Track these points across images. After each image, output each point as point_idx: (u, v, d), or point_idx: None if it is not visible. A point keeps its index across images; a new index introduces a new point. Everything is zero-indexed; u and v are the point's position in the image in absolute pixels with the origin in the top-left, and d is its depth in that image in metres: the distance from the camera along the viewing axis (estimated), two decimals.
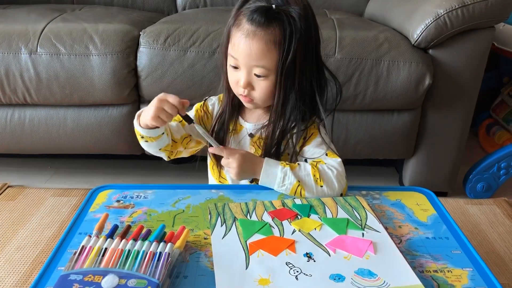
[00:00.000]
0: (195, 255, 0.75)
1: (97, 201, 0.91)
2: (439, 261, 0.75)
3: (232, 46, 0.89)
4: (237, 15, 0.89)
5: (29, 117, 1.47)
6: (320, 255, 0.74)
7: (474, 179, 1.58)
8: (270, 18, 0.85)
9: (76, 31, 1.40)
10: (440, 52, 1.38)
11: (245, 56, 0.87)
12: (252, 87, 0.91)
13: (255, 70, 0.89)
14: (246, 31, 0.86)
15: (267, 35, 0.86)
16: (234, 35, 0.88)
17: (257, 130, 0.99)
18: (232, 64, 0.91)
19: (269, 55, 0.87)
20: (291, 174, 0.89)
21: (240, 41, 0.87)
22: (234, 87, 0.94)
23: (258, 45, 0.86)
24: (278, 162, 0.92)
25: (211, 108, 1.04)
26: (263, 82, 0.90)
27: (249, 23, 0.86)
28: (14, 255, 1.25)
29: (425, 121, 1.47)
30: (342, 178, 0.91)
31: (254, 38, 0.86)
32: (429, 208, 0.91)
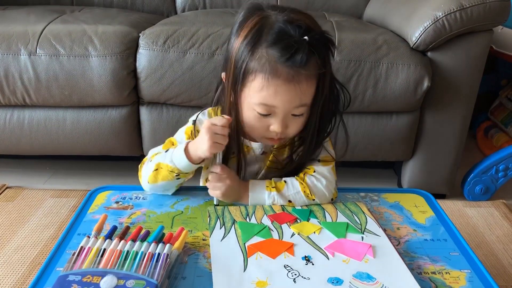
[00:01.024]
0: (193, 256, 0.75)
1: (96, 202, 0.91)
2: (437, 262, 0.75)
3: (267, 95, 0.79)
4: (260, 58, 0.78)
5: (28, 118, 1.47)
6: (318, 258, 0.74)
7: (472, 181, 1.58)
8: (309, 54, 0.76)
9: (75, 33, 1.41)
10: (438, 55, 1.39)
11: (287, 102, 0.79)
12: (287, 127, 0.83)
13: (295, 111, 0.81)
14: (289, 75, 0.77)
15: (309, 72, 0.78)
16: (269, 83, 0.77)
17: (266, 147, 0.94)
18: (263, 113, 0.81)
19: (310, 91, 0.81)
20: (279, 197, 0.88)
21: (281, 88, 0.77)
22: (260, 132, 0.85)
23: (302, 86, 0.78)
24: (263, 185, 0.88)
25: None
26: (300, 119, 0.84)
27: (289, 67, 0.76)
28: (12, 256, 1.25)
29: (423, 123, 1.48)
30: (331, 185, 0.90)
31: (299, 80, 0.77)
32: (428, 210, 0.91)
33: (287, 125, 0.83)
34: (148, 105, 1.46)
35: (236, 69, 0.81)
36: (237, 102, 0.84)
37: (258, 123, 0.83)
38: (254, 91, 0.80)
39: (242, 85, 0.81)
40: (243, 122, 0.86)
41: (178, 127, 1.45)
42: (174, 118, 1.45)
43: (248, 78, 0.80)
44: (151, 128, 1.47)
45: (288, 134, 0.86)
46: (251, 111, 0.82)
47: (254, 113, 0.82)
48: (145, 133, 1.49)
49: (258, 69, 0.78)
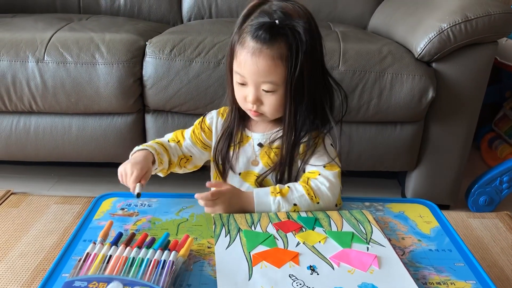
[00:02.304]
0: (198, 263, 0.75)
1: (101, 209, 0.92)
2: (442, 273, 0.75)
3: (238, 64, 0.89)
4: (240, 32, 0.89)
5: (34, 124, 1.48)
6: (323, 268, 0.74)
7: (476, 192, 1.58)
8: (275, 34, 0.85)
9: (83, 40, 1.42)
10: (443, 66, 1.39)
11: (253, 73, 0.87)
12: (261, 102, 0.91)
13: (263, 86, 0.89)
14: (252, 48, 0.86)
15: (273, 51, 0.86)
16: (240, 53, 0.88)
17: (266, 140, 0.98)
18: (239, 81, 0.91)
19: (276, 70, 0.87)
20: (284, 201, 0.89)
21: (246, 59, 0.87)
22: (242, 103, 0.94)
23: (264, 62, 0.86)
24: (268, 191, 0.90)
25: (209, 122, 1.03)
26: (272, 96, 0.90)
27: (254, 40, 0.86)
28: (16, 262, 1.25)
29: (428, 134, 1.48)
30: (335, 189, 0.91)
31: (260, 55, 0.86)
32: (432, 220, 0.91)
33: (260, 99, 0.90)
34: (153, 113, 1.47)
35: (230, 42, 0.91)
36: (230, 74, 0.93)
37: (238, 92, 0.92)
38: (235, 60, 0.90)
39: (231, 56, 0.91)
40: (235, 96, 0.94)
41: None
42: (179, 126, 1.46)
43: (234, 48, 0.90)
44: (156, 135, 1.48)
45: (264, 110, 0.92)
46: (234, 79, 0.92)
47: (235, 82, 0.92)
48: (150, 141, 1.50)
49: (237, 40, 0.89)
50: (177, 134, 1.05)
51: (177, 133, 1.05)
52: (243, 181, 1.00)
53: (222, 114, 1.04)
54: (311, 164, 0.95)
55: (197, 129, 1.04)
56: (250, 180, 1.00)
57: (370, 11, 1.90)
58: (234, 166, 1.00)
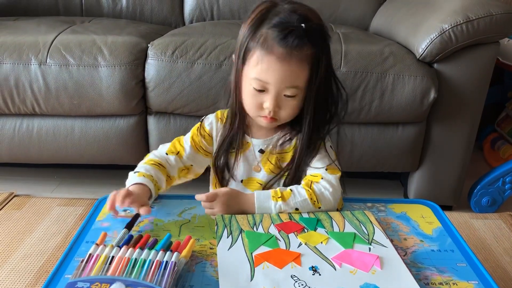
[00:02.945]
0: (200, 264, 0.75)
1: (104, 210, 0.92)
2: (445, 273, 0.75)
3: (262, 71, 0.86)
4: (259, 38, 0.86)
5: (37, 127, 1.49)
6: (325, 268, 0.74)
7: (479, 193, 1.58)
8: (304, 39, 0.84)
9: (85, 43, 1.43)
10: (445, 66, 1.39)
11: (279, 79, 0.86)
12: (279, 107, 0.90)
13: (286, 91, 0.88)
14: (281, 54, 0.84)
15: (301, 55, 0.85)
16: (263, 60, 0.85)
17: (267, 146, 0.98)
18: (257, 88, 0.88)
19: (302, 74, 0.87)
20: (285, 206, 0.88)
21: (273, 65, 0.85)
22: (254, 110, 0.92)
23: (294, 67, 0.85)
24: (269, 195, 0.90)
25: (208, 128, 1.01)
26: (292, 101, 0.89)
27: (283, 46, 0.84)
28: (20, 264, 1.26)
29: (430, 135, 1.48)
30: (337, 193, 0.91)
31: (290, 60, 0.85)
32: (434, 221, 0.91)
33: (279, 105, 0.89)
34: (156, 114, 1.47)
35: (241, 47, 0.89)
36: (239, 80, 0.91)
37: (253, 99, 0.90)
38: (251, 66, 0.87)
39: (243, 63, 0.89)
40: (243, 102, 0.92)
41: None
42: (181, 127, 1.46)
43: (248, 55, 0.88)
44: (158, 137, 1.48)
45: (280, 115, 0.91)
46: (248, 86, 0.89)
47: (250, 88, 0.89)
48: (153, 143, 1.50)
49: (256, 46, 0.86)
50: (175, 144, 1.01)
51: (175, 143, 1.01)
52: (245, 188, 1.00)
53: (220, 118, 1.02)
54: (312, 167, 0.95)
55: (196, 136, 1.01)
56: (253, 186, 0.99)
57: (372, 12, 1.90)
58: (235, 173, 1.00)
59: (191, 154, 1.00)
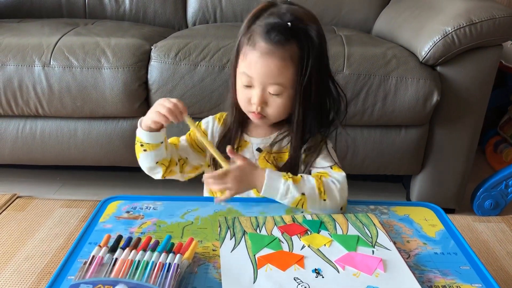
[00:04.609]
0: (203, 266, 0.75)
1: (107, 212, 0.92)
2: (448, 276, 0.74)
3: (246, 65, 0.89)
4: (249, 34, 0.89)
5: (40, 128, 1.49)
6: (328, 271, 0.74)
7: (482, 196, 1.57)
8: (288, 36, 0.85)
9: (88, 45, 1.43)
10: (448, 69, 1.39)
11: (262, 74, 0.87)
12: (266, 104, 0.91)
13: (270, 88, 0.89)
14: (263, 49, 0.86)
15: (284, 53, 0.86)
16: (248, 54, 0.88)
17: (265, 145, 0.99)
18: (244, 83, 0.90)
19: (286, 72, 0.87)
20: (294, 188, 0.87)
21: (256, 60, 0.87)
22: (244, 105, 0.94)
23: (275, 63, 0.86)
24: (280, 174, 0.89)
25: (204, 126, 1.03)
26: (278, 99, 0.90)
27: (265, 41, 0.86)
28: (22, 265, 1.26)
29: (432, 138, 1.48)
30: (344, 192, 0.91)
31: (272, 56, 0.86)
32: (437, 223, 0.91)
33: (266, 102, 0.90)
34: None
35: (236, 41, 0.92)
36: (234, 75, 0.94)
37: (243, 94, 0.92)
38: (241, 60, 0.90)
39: (236, 57, 0.91)
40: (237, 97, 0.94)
41: None
42: (183, 129, 1.45)
43: (240, 49, 0.90)
44: None
45: (268, 113, 0.92)
46: (239, 81, 0.92)
47: (240, 83, 0.91)
48: None
49: (245, 41, 0.89)
50: (172, 139, 1.03)
51: (172, 138, 1.03)
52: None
53: (219, 119, 1.03)
54: (317, 166, 0.95)
55: (192, 132, 1.03)
56: None
57: (375, 15, 1.91)
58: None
59: (185, 147, 1.02)
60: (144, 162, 0.97)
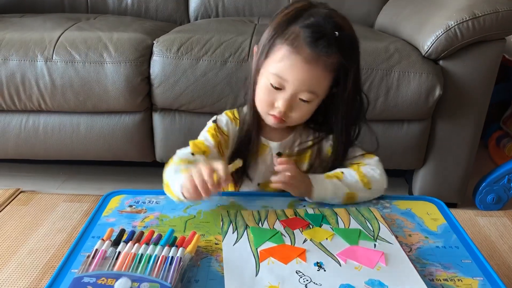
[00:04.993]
0: (206, 259, 0.76)
1: (110, 206, 0.92)
2: (449, 270, 0.75)
3: (283, 67, 0.84)
4: (290, 34, 0.84)
5: (43, 123, 1.49)
6: (330, 264, 0.74)
7: (484, 190, 1.57)
8: (334, 46, 0.83)
9: (91, 40, 1.43)
10: (450, 63, 1.39)
11: (300, 81, 0.84)
12: (291, 109, 0.88)
13: (303, 95, 0.86)
14: (308, 56, 0.82)
15: (328, 62, 0.83)
16: (289, 57, 0.83)
17: (284, 148, 0.97)
18: (274, 84, 0.86)
19: (324, 82, 0.86)
20: (341, 184, 0.90)
21: (298, 65, 0.83)
22: (264, 107, 0.90)
23: (317, 72, 0.84)
24: (322, 176, 0.91)
25: (226, 129, 0.97)
26: (305, 106, 0.88)
27: (312, 48, 0.82)
28: (26, 259, 1.27)
29: (435, 132, 1.47)
30: (384, 174, 0.94)
31: (315, 64, 0.83)
32: (439, 217, 0.91)
33: (292, 106, 0.87)
34: (161, 111, 1.48)
35: (267, 41, 0.87)
36: (258, 72, 0.89)
37: (267, 95, 0.88)
38: (274, 61, 0.85)
39: (267, 55, 0.86)
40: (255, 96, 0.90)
41: (191, 133, 1.47)
42: (186, 124, 1.47)
43: (274, 48, 0.85)
44: (163, 134, 1.49)
45: (291, 118, 0.89)
46: (266, 80, 0.87)
47: (267, 83, 0.87)
48: (158, 139, 1.51)
49: (284, 42, 0.84)
50: (198, 145, 0.93)
51: (197, 144, 0.93)
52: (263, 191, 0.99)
53: (233, 119, 0.98)
54: (350, 158, 0.96)
55: (216, 137, 0.95)
56: (270, 190, 0.97)
57: (377, 9, 1.90)
58: (253, 176, 0.98)
59: (215, 154, 0.94)
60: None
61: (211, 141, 0.94)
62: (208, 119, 1.53)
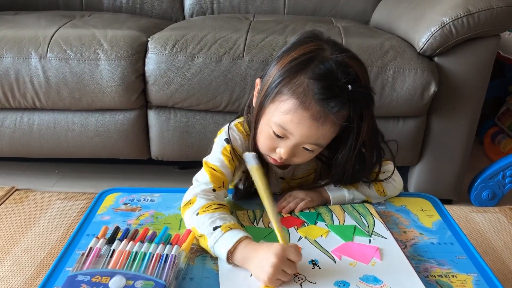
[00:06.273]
0: (200, 257, 0.76)
1: (104, 204, 0.92)
2: (444, 266, 0.75)
3: (288, 120, 0.79)
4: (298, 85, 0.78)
5: (38, 121, 1.49)
6: (325, 262, 0.74)
7: (479, 187, 1.58)
8: (346, 102, 0.77)
9: (85, 37, 1.42)
10: (445, 60, 1.39)
11: (306, 136, 0.80)
12: (293, 155, 0.84)
13: (307, 146, 0.82)
14: (317, 114, 0.77)
15: (339, 118, 0.79)
16: (296, 111, 0.77)
17: (287, 173, 0.96)
18: (278, 133, 0.81)
19: (330, 135, 0.82)
20: (358, 193, 0.92)
21: (305, 121, 0.78)
22: (266, 150, 0.85)
23: (326, 129, 0.79)
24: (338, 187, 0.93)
25: (241, 150, 0.90)
26: (309, 153, 0.84)
27: (321, 107, 0.77)
28: (21, 257, 1.26)
29: (430, 128, 1.48)
30: (399, 179, 0.98)
31: (324, 122, 0.78)
32: (434, 214, 0.91)
33: (294, 154, 0.83)
34: (156, 108, 1.47)
35: (272, 83, 0.81)
36: (261, 113, 0.84)
37: (269, 140, 0.83)
38: (279, 111, 0.80)
39: (272, 101, 0.81)
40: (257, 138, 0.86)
41: (186, 130, 1.47)
42: (182, 121, 1.46)
43: (279, 97, 0.80)
44: (159, 131, 1.48)
45: (292, 161, 0.87)
46: (268, 127, 0.82)
47: (269, 131, 0.82)
48: (153, 137, 1.50)
49: (292, 94, 0.78)
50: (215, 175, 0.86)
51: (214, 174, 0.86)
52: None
53: (247, 136, 0.91)
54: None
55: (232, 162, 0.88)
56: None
57: (372, 6, 1.90)
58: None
59: (230, 179, 0.90)
60: None
61: (227, 168, 0.87)
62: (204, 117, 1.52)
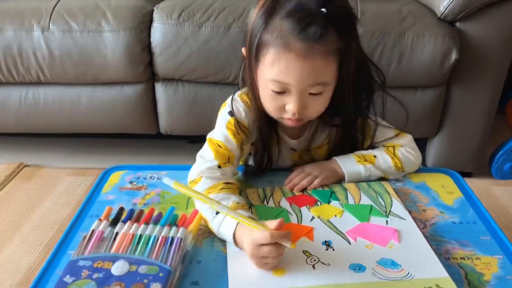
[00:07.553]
0: (208, 239, 0.72)
1: (109, 182, 0.89)
2: (467, 247, 0.70)
3: (280, 72, 0.73)
4: (273, 29, 0.72)
5: (43, 96, 1.46)
6: (339, 243, 0.70)
7: (501, 159, 1.52)
8: (326, 26, 0.70)
9: (88, 7, 1.37)
10: (467, 25, 1.31)
11: (302, 78, 0.73)
12: (305, 107, 0.77)
13: (311, 89, 0.75)
14: (301, 50, 0.71)
15: (325, 47, 0.71)
16: (281, 59, 0.72)
17: (299, 146, 0.91)
18: (277, 90, 0.75)
19: (329, 68, 0.75)
20: (375, 169, 0.86)
21: (293, 64, 0.72)
22: (276, 113, 0.80)
23: (317, 62, 0.72)
24: (353, 160, 0.87)
25: (246, 122, 0.85)
26: (319, 98, 0.77)
27: (301, 40, 0.70)
28: (30, 234, 1.25)
29: (450, 99, 1.41)
30: (418, 153, 0.91)
31: (312, 56, 0.71)
32: (455, 190, 0.86)
33: (305, 105, 0.77)
34: (163, 81, 1.42)
35: (251, 42, 0.76)
36: (254, 78, 0.80)
37: (274, 101, 0.78)
38: (266, 67, 0.75)
39: (257, 60, 0.76)
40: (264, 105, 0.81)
41: (195, 104, 1.43)
42: (190, 94, 1.42)
43: (261, 52, 0.75)
44: (167, 105, 1.44)
45: (308, 115, 0.80)
46: (266, 89, 0.77)
47: (268, 91, 0.77)
48: (161, 110, 1.46)
49: (270, 42, 0.73)
50: (219, 151, 0.82)
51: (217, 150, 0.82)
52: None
53: (247, 102, 0.86)
54: (382, 140, 0.90)
55: (238, 135, 0.83)
56: None
57: None
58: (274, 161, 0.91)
59: (238, 154, 0.85)
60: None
61: (233, 143, 0.83)
62: (213, 89, 1.48)
